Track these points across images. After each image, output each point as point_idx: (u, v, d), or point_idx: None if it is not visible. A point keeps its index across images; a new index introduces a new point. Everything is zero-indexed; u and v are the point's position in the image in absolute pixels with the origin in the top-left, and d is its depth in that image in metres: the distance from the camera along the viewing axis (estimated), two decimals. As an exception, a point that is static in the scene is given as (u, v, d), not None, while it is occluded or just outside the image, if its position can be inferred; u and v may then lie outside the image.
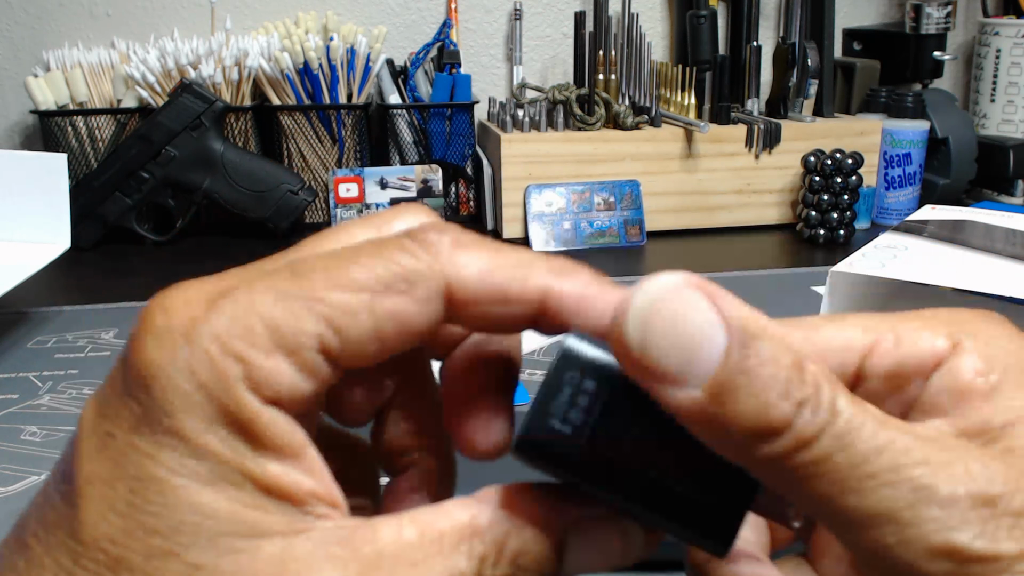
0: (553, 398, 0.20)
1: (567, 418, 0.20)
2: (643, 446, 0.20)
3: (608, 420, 0.20)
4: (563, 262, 0.21)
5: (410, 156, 1.14)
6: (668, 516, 0.20)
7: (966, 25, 1.37)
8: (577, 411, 0.20)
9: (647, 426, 0.20)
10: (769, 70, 1.21)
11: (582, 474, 0.20)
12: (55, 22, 1.19)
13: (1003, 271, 0.61)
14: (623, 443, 0.20)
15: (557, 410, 0.20)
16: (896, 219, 1.10)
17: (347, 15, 1.22)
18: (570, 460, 0.20)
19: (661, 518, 0.20)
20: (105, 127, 1.08)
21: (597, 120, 1.07)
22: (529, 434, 0.20)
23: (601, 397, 0.20)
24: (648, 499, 0.20)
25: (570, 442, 0.19)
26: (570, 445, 0.20)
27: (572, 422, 0.20)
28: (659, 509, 0.20)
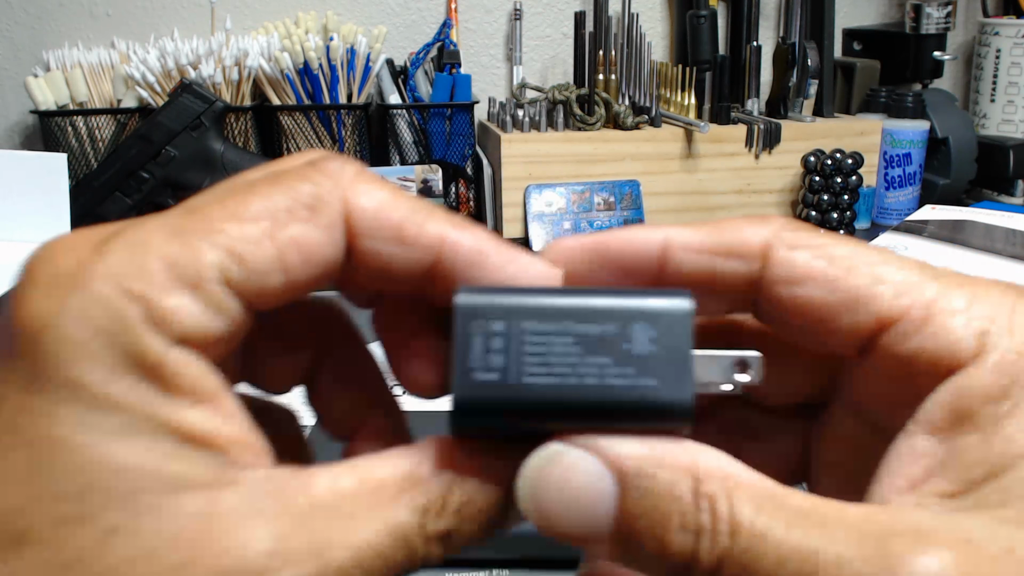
0: (468, 353, 0.19)
1: (490, 366, 0.19)
2: (573, 358, 0.19)
3: (531, 348, 0.19)
4: (460, 217, 0.20)
5: (410, 156, 1.14)
6: (626, 413, 0.19)
7: (966, 25, 1.37)
8: (496, 355, 0.19)
9: (568, 339, 0.19)
10: (769, 70, 1.21)
11: (531, 411, 0.19)
12: (55, 22, 1.19)
13: (1003, 271, 0.61)
14: (554, 364, 0.19)
15: (477, 363, 0.19)
16: (896, 219, 1.10)
17: (347, 15, 1.22)
18: (512, 404, 0.19)
19: (620, 418, 0.19)
20: (105, 127, 1.08)
21: (597, 120, 1.07)
22: (461, 398, 0.19)
23: (514, 330, 0.19)
24: (600, 406, 0.19)
25: (504, 386, 0.19)
26: (505, 388, 0.19)
27: (497, 367, 0.19)
28: (615, 411, 0.19)
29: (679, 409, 0.19)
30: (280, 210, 0.18)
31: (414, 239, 0.19)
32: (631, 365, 0.19)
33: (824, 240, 0.20)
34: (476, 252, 0.20)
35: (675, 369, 0.19)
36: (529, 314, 0.19)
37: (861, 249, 0.20)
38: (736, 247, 0.20)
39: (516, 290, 0.20)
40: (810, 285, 0.19)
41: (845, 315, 0.19)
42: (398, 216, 0.19)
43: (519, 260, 0.20)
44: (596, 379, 0.19)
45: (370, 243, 0.19)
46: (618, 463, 0.18)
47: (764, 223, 0.20)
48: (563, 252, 0.21)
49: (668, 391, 0.19)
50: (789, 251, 0.20)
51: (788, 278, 0.20)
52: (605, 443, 0.18)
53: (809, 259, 0.20)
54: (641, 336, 0.19)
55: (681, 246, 0.20)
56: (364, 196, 0.19)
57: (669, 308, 0.19)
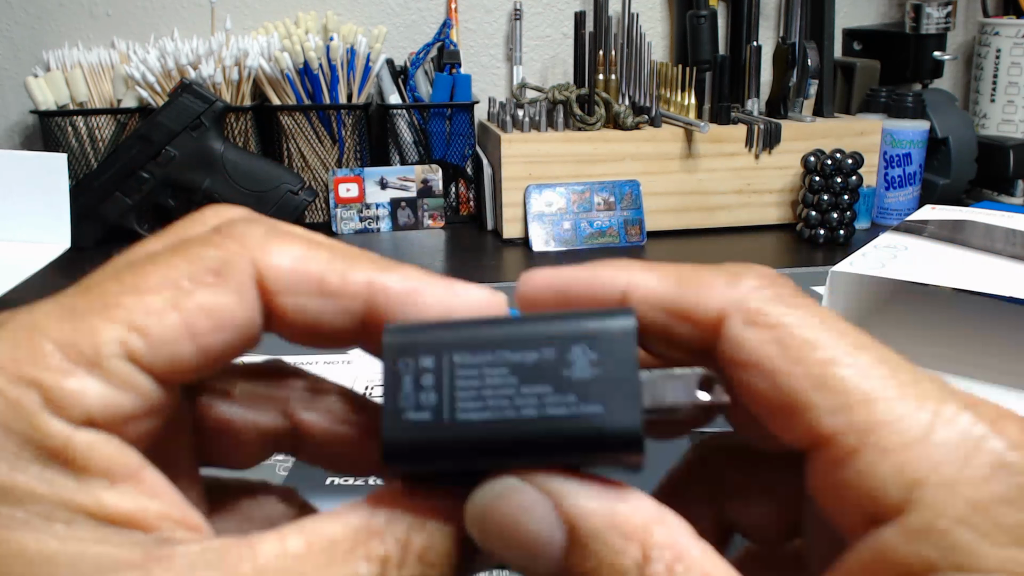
0: (397, 392, 0.18)
1: (420, 404, 0.18)
2: (509, 389, 0.18)
3: (463, 382, 0.18)
4: (386, 259, 0.20)
5: (410, 156, 1.14)
6: (569, 446, 0.18)
7: (966, 25, 1.37)
8: (427, 392, 0.18)
9: (504, 367, 0.18)
10: (769, 70, 1.21)
11: (466, 450, 0.18)
12: (55, 22, 1.19)
13: (1003, 271, 0.61)
14: (489, 398, 0.18)
15: (407, 401, 0.18)
16: (896, 219, 1.10)
17: (347, 15, 1.22)
18: (447, 443, 0.18)
19: (562, 452, 0.18)
20: (105, 127, 1.08)
21: (597, 120, 1.07)
22: (392, 440, 0.18)
23: (444, 367, 0.18)
24: (540, 440, 0.18)
25: (437, 425, 0.18)
26: (438, 428, 0.18)
27: (428, 405, 0.18)
28: (556, 444, 0.18)
29: (627, 438, 0.17)
30: (183, 278, 0.18)
31: (338, 289, 0.19)
32: (572, 392, 0.18)
33: (788, 317, 0.18)
34: (408, 292, 0.19)
35: (621, 393, 0.18)
36: (459, 346, 0.18)
37: (824, 334, 0.17)
38: (691, 311, 0.19)
39: (446, 324, 0.19)
40: (753, 372, 0.18)
41: (780, 417, 0.18)
42: (316, 268, 0.19)
43: (456, 292, 0.19)
44: (535, 410, 0.18)
45: (291, 300, 0.19)
46: (571, 517, 0.17)
47: (733, 283, 0.18)
48: (531, 285, 0.20)
49: (614, 418, 0.17)
50: (743, 327, 0.18)
51: (733, 359, 0.18)
52: (560, 489, 0.17)
53: (759, 343, 0.18)
54: (581, 359, 0.18)
55: (640, 298, 0.19)
56: (276, 254, 0.18)
57: (609, 328, 0.18)
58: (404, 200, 1.12)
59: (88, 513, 0.16)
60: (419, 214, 1.12)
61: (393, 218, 1.12)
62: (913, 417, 0.16)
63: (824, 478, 0.17)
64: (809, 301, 0.18)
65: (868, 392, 0.17)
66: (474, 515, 0.18)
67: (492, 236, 1.09)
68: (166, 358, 0.17)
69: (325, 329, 0.19)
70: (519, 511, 0.17)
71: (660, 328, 0.19)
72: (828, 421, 0.17)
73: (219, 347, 0.18)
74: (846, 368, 0.17)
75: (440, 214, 1.13)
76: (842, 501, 0.17)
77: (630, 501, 0.17)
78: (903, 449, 0.16)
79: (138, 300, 0.17)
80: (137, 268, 0.18)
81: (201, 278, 0.18)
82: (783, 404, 0.17)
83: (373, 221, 1.11)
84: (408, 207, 1.12)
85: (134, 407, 0.17)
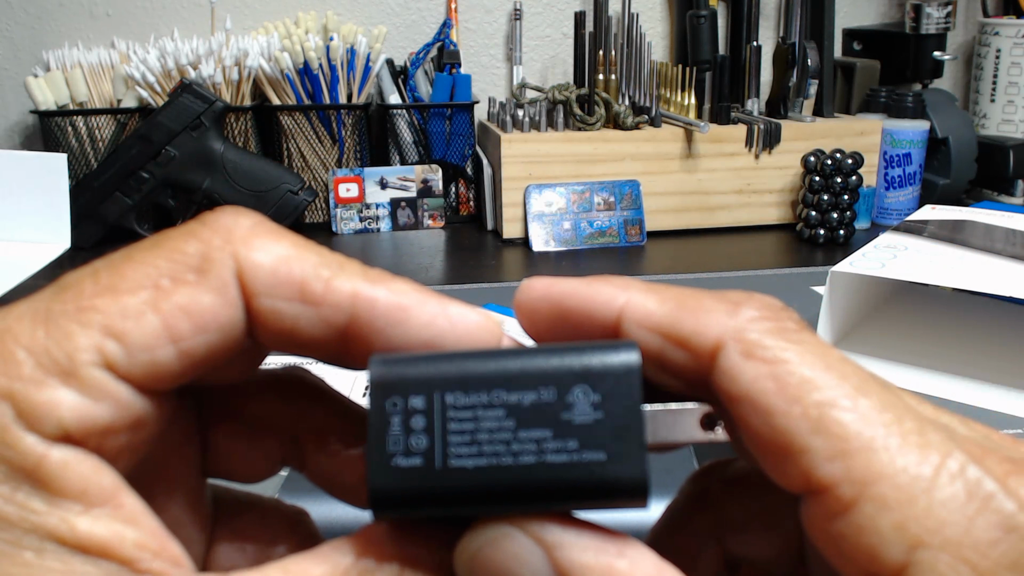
0: (385, 435, 0.17)
1: (411, 448, 0.17)
2: (505, 433, 0.17)
3: (456, 425, 0.17)
4: (377, 270, 0.18)
5: (410, 156, 1.14)
6: (570, 495, 0.17)
7: (966, 25, 1.37)
8: (418, 436, 0.17)
9: (499, 411, 0.17)
10: (769, 70, 1.21)
11: (459, 499, 0.17)
12: (55, 22, 1.19)
13: (1003, 271, 0.61)
14: (484, 443, 0.17)
15: (395, 445, 0.17)
16: (896, 219, 1.10)
17: (347, 15, 1.22)
18: (439, 492, 0.17)
19: (562, 501, 0.17)
20: (105, 127, 1.08)
21: (597, 120, 1.07)
22: (379, 486, 0.17)
23: (436, 408, 0.17)
24: (539, 490, 0.17)
25: (428, 472, 0.17)
26: (429, 475, 0.17)
27: (418, 450, 0.17)
28: (556, 493, 0.17)
29: (632, 488, 0.16)
30: (162, 276, 0.17)
31: (320, 297, 0.17)
32: (573, 437, 0.17)
33: (787, 352, 0.17)
34: (396, 309, 0.18)
35: (625, 439, 0.17)
36: (452, 384, 0.17)
37: (825, 374, 0.16)
38: (687, 338, 0.17)
39: (438, 356, 0.17)
40: (747, 408, 0.16)
41: (774, 459, 0.16)
42: (300, 271, 0.17)
43: (449, 314, 0.18)
44: (534, 457, 0.16)
45: (268, 303, 0.17)
46: (565, 570, 0.16)
47: (733, 311, 0.17)
48: (528, 295, 0.19)
49: (618, 467, 0.16)
50: (739, 359, 0.17)
51: (728, 392, 0.17)
52: (555, 539, 0.16)
53: (754, 377, 0.16)
54: (582, 402, 0.17)
55: (636, 320, 0.18)
56: (259, 251, 0.17)
57: (611, 365, 0.17)
58: (404, 200, 1.12)
59: (59, 540, 0.15)
60: (419, 214, 1.12)
61: (393, 218, 1.12)
62: (916, 469, 0.15)
63: (820, 526, 0.16)
64: (812, 337, 0.17)
65: (869, 440, 0.16)
66: (463, 561, 0.17)
67: (492, 236, 1.09)
68: (145, 364, 0.16)
69: (303, 339, 0.18)
70: (511, 560, 0.16)
71: (655, 354, 0.18)
72: (825, 468, 0.16)
73: (202, 350, 0.17)
74: (846, 412, 0.16)
75: (440, 214, 1.13)
76: (839, 552, 0.16)
77: (628, 556, 0.16)
78: (904, 505, 0.15)
79: (114, 301, 0.16)
80: (114, 266, 0.17)
81: (181, 276, 0.17)
82: (778, 445, 0.16)
83: (373, 221, 1.11)
84: (408, 207, 1.12)
85: (112, 419, 0.16)
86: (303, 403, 0.21)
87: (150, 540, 0.16)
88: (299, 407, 0.21)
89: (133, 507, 0.16)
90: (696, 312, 0.18)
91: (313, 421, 0.21)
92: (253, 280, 0.17)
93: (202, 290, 0.17)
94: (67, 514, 0.15)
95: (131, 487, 0.16)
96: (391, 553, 0.17)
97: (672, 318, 0.18)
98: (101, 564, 0.15)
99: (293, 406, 0.21)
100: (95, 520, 0.15)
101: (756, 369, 0.17)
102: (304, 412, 0.21)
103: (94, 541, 0.15)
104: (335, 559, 0.17)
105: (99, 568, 0.15)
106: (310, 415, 0.21)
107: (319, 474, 0.21)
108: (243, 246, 0.17)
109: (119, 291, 0.16)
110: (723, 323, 0.17)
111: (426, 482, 0.17)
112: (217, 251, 0.17)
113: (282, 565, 0.16)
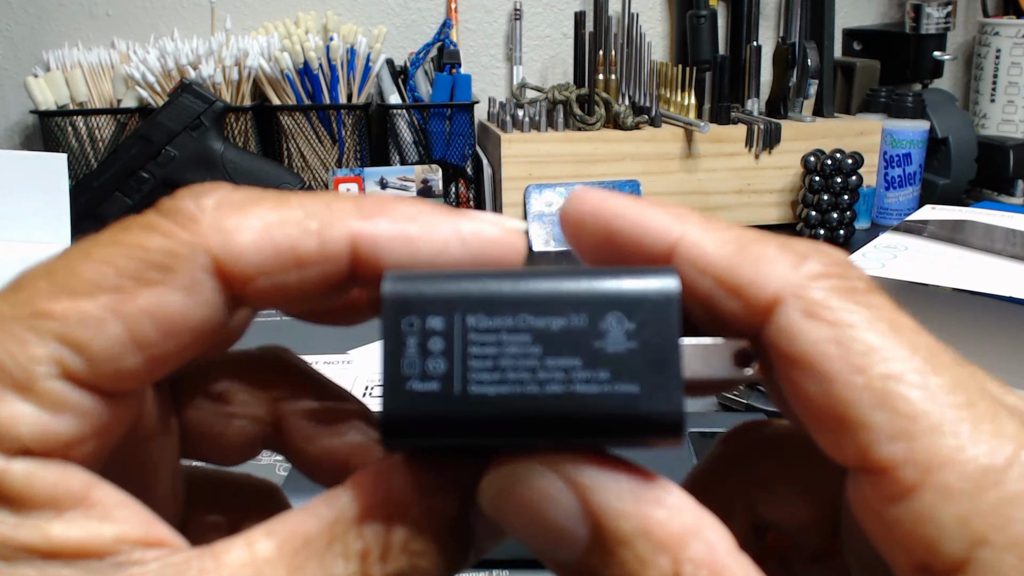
0: (400, 357, 0.16)
1: (428, 372, 0.15)
2: (531, 360, 0.16)
3: (478, 349, 0.16)
4: (372, 199, 0.17)
5: (410, 156, 1.14)
6: (599, 430, 0.16)
7: (966, 25, 1.37)
8: (435, 359, 0.16)
9: (525, 336, 0.16)
10: (769, 70, 1.21)
11: (480, 428, 0.16)
12: (55, 22, 1.19)
13: (1003, 271, 0.61)
14: (508, 369, 0.16)
15: (411, 368, 0.16)
16: (896, 219, 1.10)
17: (347, 15, 1.22)
18: (457, 421, 0.15)
19: (591, 435, 0.16)
20: (105, 127, 1.08)
21: (597, 120, 1.07)
22: (393, 414, 0.16)
23: (456, 330, 0.16)
24: (567, 422, 0.15)
25: (446, 398, 0.15)
26: (447, 401, 0.15)
27: (435, 374, 0.15)
28: (585, 427, 0.16)
29: (667, 423, 0.16)
30: (124, 277, 0.15)
31: (316, 255, 0.16)
32: (604, 367, 0.16)
33: (854, 315, 0.15)
34: (401, 241, 0.16)
35: (660, 372, 0.16)
36: (475, 305, 0.16)
37: (894, 343, 0.15)
38: (743, 288, 0.16)
39: (459, 275, 0.16)
40: (803, 372, 0.15)
41: (828, 430, 0.15)
42: (286, 237, 0.16)
43: (461, 233, 0.17)
44: (561, 387, 0.15)
45: (263, 282, 0.16)
46: (598, 515, 0.15)
47: (798, 263, 0.16)
48: (577, 207, 0.18)
49: (652, 400, 0.15)
50: (800, 318, 0.15)
51: (784, 351, 0.16)
52: (588, 482, 0.15)
53: (816, 339, 0.15)
54: (616, 330, 0.16)
55: (689, 259, 0.17)
56: (235, 233, 0.16)
57: (649, 293, 0.16)
58: (404, 200, 1.12)
59: (33, 551, 0.14)
60: (419, 214, 1.12)
61: (393, 218, 1.12)
62: (987, 459, 0.14)
63: (872, 508, 0.15)
64: (883, 300, 0.16)
65: (937, 421, 0.14)
66: (490, 495, 0.16)
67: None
68: (109, 373, 0.15)
69: (305, 297, 0.17)
70: (540, 499, 0.15)
71: (703, 296, 0.16)
72: (886, 447, 0.14)
73: (173, 353, 0.16)
74: (914, 388, 0.15)
75: (440, 214, 1.13)
76: (890, 538, 0.15)
77: (667, 504, 0.15)
78: (970, 496, 0.14)
79: (72, 306, 0.15)
80: (71, 264, 0.16)
81: (144, 275, 0.15)
82: (834, 416, 0.15)
83: (373, 221, 1.11)
84: (408, 207, 1.12)
85: (76, 431, 0.15)
86: (282, 384, 0.21)
87: (130, 529, 0.15)
88: (278, 388, 0.20)
89: (109, 499, 0.15)
90: (757, 260, 0.16)
91: (293, 403, 0.20)
92: (239, 268, 0.16)
93: (169, 291, 0.16)
94: (39, 522, 0.15)
95: (105, 478, 0.16)
96: (383, 497, 0.16)
97: (729, 263, 0.16)
98: (78, 565, 0.15)
99: (271, 387, 0.20)
100: (68, 524, 0.15)
101: (818, 331, 0.15)
102: (283, 393, 0.20)
103: (70, 545, 0.15)
104: (322, 511, 0.16)
105: (76, 569, 0.15)
106: (289, 396, 0.20)
107: (300, 459, 0.21)
108: (215, 234, 0.16)
109: (76, 293, 0.15)
110: (785, 276, 0.16)
111: (443, 408, 0.15)
112: (183, 245, 0.16)
113: (266, 527, 0.16)
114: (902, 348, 0.15)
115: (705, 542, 0.15)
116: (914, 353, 0.15)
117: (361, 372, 0.65)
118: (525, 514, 0.15)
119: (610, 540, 0.15)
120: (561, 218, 0.18)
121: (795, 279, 0.16)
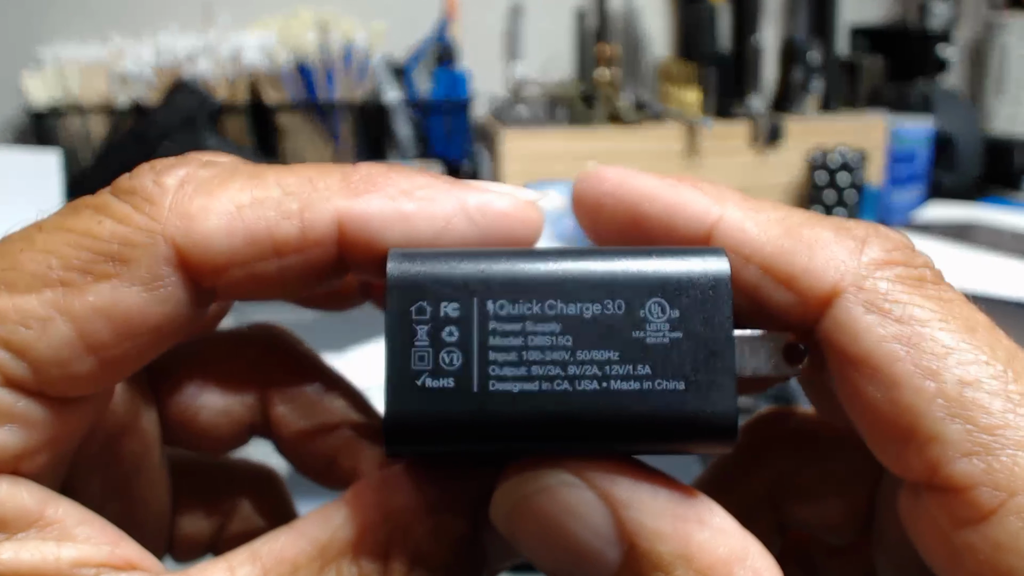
0: (409, 349, 0.13)
1: (441, 367, 0.13)
2: (560, 353, 0.13)
3: (500, 340, 0.13)
4: (363, 171, 0.15)
5: (409, 153, 1.13)
6: (639, 434, 0.14)
7: (973, 21, 1.36)
8: (450, 351, 0.13)
9: (553, 325, 0.14)
10: (773, 66, 1.19)
11: (500, 430, 0.13)
12: (49, 19, 1.18)
13: (1010, 271, 0.60)
14: (534, 364, 0.13)
15: (422, 362, 0.13)
16: (901, 216, 1.08)
17: (345, 11, 1.21)
18: (475, 420, 0.13)
19: (629, 441, 0.14)
20: (99, 125, 1.07)
21: (598, 116, 1.06)
22: (399, 415, 0.13)
23: (475, 318, 0.13)
24: (602, 426, 0.13)
25: (462, 396, 0.13)
26: (463, 400, 0.13)
27: (450, 369, 0.13)
28: (622, 432, 0.13)
29: (717, 426, 0.13)
30: (72, 269, 0.13)
31: (298, 241, 0.14)
32: (645, 362, 0.13)
33: (924, 311, 0.13)
34: (397, 220, 0.14)
35: (709, 365, 0.13)
36: (496, 290, 0.13)
37: (972, 343, 0.13)
38: (795, 277, 0.14)
39: (476, 253, 0.14)
40: (865, 374, 0.13)
41: (890, 440, 0.13)
42: (261, 220, 0.14)
43: (467, 210, 0.15)
44: (595, 383, 0.13)
45: (237, 273, 0.14)
46: (633, 535, 0.13)
47: (856, 248, 0.14)
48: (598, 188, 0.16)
49: (701, 399, 0.13)
50: (863, 312, 0.13)
51: (843, 349, 0.14)
52: (623, 496, 0.13)
53: (882, 338, 0.13)
54: (658, 318, 0.14)
55: (731, 244, 0.14)
56: (200, 217, 0.14)
57: (695, 276, 0.14)
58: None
59: None
60: (418, 212, 1.12)
61: (391, 216, 1.11)
62: None
63: (937, 529, 0.13)
64: (954, 293, 0.14)
65: (1022, 437, 0.12)
66: (505, 507, 0.14)
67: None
68: (58, 379, 0.13)
69: (296, 286, 0.15)
70: (566, 514, 0.13)
71: (749, 287, 0.14)
72: (961, 465, 0.13)
73: (132, 355, 0.14)
74: (996, 396, 0.13)
75: (439, 212, 1.12)
76: (957, 564, 0.13)
77: (710, 525, 0.13)
78: None
79: (11, 303, 0.13)
80: (11, 253, 0.14)
81: (94, 267, 0.13)
82: (900, 425, 0.13)
83: (371, 219, 1.10)
84: (407, 205, 1.11)
85: (24, 443, 0.13)
86: (272, 367, 0.19)
87: (94, 552, 0.13)
88: (266, 370, 0.19)
89: (68, 517, 0.14)
90: (811, 245, 0.14)
91: (282, 386, 0.19)
92: (206, 258, 0.14)
93: (124, 285, 0.13)
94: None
95: (79, 481, 0.14)
96: (381, 517, 0.14)
97: (777, 249, 0.14)
98: None
99: (260, 370, 0.19)
100: (20, 546, 0.13)
101: (884, 328, 0.13)
102: (272, 375, 0.19)
103: (21, 570, 0.13)
104: (313, 532, 0.14)
105: None
106: (278, 379, 0.19)
107: (290, 446, 0.19)
108: (178, 219, 0.14)
109: (16, 288, 0.13)
110: (843, 264, 0.14)
111: (459, 409, 0.13)
112: (139, 233, 0.14)
113: (250, 549, 0.14)
114: (979, 350, 0.13)
115: (752, 571, 0.13)
116: (993, 356, 0.13)
117: (360, 372, 0.64)
118: (546, 532, 0.13)
119: (645, 565, 0.13)
120: (574, 200, 0.16)
121: (856, 268, 0.14)
